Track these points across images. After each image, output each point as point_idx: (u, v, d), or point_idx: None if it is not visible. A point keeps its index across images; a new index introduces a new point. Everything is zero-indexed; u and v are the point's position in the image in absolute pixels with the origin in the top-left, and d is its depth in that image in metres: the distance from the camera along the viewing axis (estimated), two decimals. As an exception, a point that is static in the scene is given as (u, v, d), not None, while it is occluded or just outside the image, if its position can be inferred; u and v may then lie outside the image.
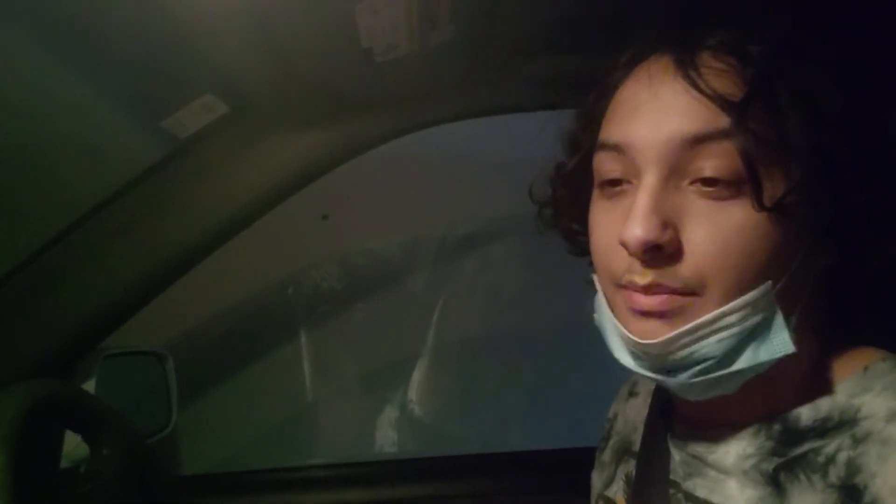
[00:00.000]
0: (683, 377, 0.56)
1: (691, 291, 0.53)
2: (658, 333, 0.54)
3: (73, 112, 0.99)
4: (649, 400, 0.77)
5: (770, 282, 0.53)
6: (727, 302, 0.53)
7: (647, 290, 0.54)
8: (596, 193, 0.62)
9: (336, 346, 1.75)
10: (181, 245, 1.14)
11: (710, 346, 0.54)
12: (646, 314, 0.55)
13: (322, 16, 0.84)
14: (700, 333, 0.53)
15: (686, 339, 0.54)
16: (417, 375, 1.73)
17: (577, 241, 0.70)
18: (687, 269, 0.53)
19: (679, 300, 0.54)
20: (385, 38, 0.87)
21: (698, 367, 0.55)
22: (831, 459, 0.53)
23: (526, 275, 1.75)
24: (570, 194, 0.69)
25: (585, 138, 0.65)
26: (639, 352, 0.57)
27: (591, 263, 0.70)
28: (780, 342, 0.54)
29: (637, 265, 0.54)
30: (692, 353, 0.54)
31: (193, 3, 0.82)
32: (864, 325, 0.60)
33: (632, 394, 0.83)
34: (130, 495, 0.93)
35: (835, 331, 0.60)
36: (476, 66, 0.98)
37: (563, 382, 1.65)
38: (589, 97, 0.65)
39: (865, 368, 0.57)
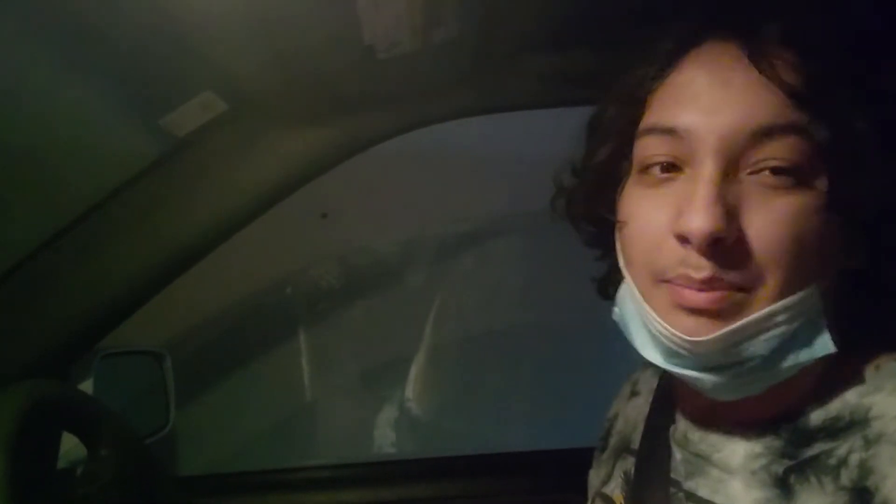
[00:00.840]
0: (724, 376, 0.55)
1: (745, 287, 0.52)
2: (707, 331, 0.52)
3: (70, 111, 0.99)
4: (650, 398, 0.76)
5: (817, 282, 0.53)
6: (776, 300, 0.52)
7: (703, 285, 0.52)
8: (633, 180, 0.60)
9: (335, 346, 1.75)
10: (179, 244, 1.13)
11: (758, 344, 0.53)
12: (695, 311, 0.53)
13: (323, 12, 0.84)
14: (749, 332, 0.52)
15: (736, 338, 0.52)
16: (416, 375, 1.73)
17: (593, 233, 0.68)
18: (747, 262, 0.52)
19: (732, 297, 0.52)
20: (387, 35, 0.86)
21: (742, 367, 0.54)
22: (843, 462, 0.52)
23: (526, 273, 1.75)
24: (597, 183, 0.66)
25: (622, 125, 0.62)
26: (681, 349, 0.55)
27: (599, 258, 0.70)
28: (820, 343, 0.53)
29: (694, 258, 0.52)
30: (739, 352, 0.53)
31: (192, 0, 0.81)
32: (877, 325, 0.59)
33: (633, 393, 0.82)
34: (128, 496, 0.93)
35: (853, 331, 0.59)
36: (479, 63, 0.97)
37: (563, 382, 1.64)
38: (625, 84, 0.63)
39: (877, 368, 0.56)
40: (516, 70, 0.98)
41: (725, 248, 0.51)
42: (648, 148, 0.58)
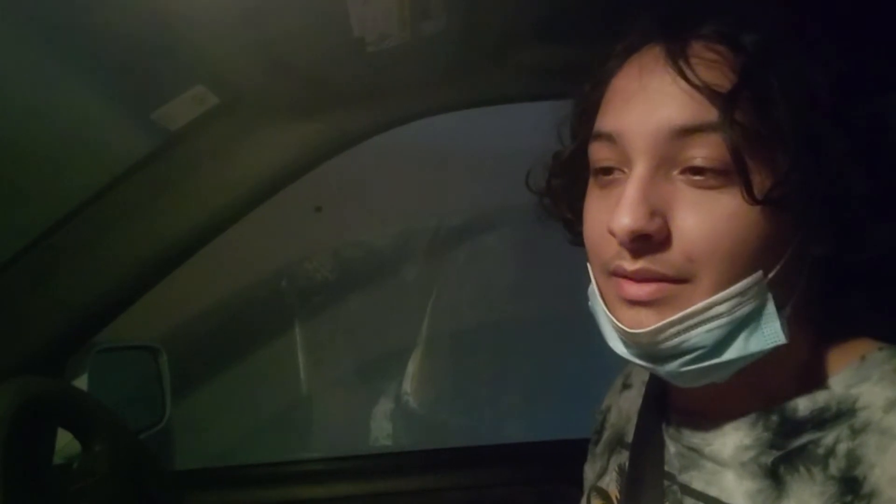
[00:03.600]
0: (673, 366, 0.56)
1: (682, 279, 0.53)
2: (647, 322, 0.54)
3: (62, 106, 0.99)
4: (643, 391, 0.76)
5: (761, 271, 0.53)
6: (718, 291, 0.52)
7: (637, 275, 0.54)
8: (591, 182, 0.62)
9: (330, 339, 1.75)
10: (174, 238, 1.13)
11: (700, 335, 0.53)
12: (635, 303, 0.55)
13: (313, 5, 0.84)
14: (689, 323, 0.53)
15: (675, 329, 0.53)
16: (411, 368, 1.73)
17: (575, 230, 0.69)
18: (676, 256, 0.53)
19: (669, 288, 0.54)
20: (377, 27, 0.87)
21: (688, 357, 0.55)
22: (831, 451, 0.53)
23: (519, 266, 1.75)
24: (566, 184, 0.69)
25: (581, 128, 0.65)
26: (629, 340, 0.57)
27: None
28: (771, 333, 0.54)
29: (626, 253, 0.55)
30: (682, 343, 0.54)
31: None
32: (860, 314, 0.60)
33: (626, 385, 0.82)
34: (123, 491, 0.93)
35: (831, 321, 0.60)
36: (469, 56, 0.97)
37: (558, 373, 1.65)
38: (584, 87, 0.65)
39: (862, 358, 0.56)
40: (506, 63, 0.98)
41: (655, 243, 0.53)
42: (596, 152, 0.60)
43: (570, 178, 0.68)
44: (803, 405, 0.57)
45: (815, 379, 0.57)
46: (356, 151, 1.14)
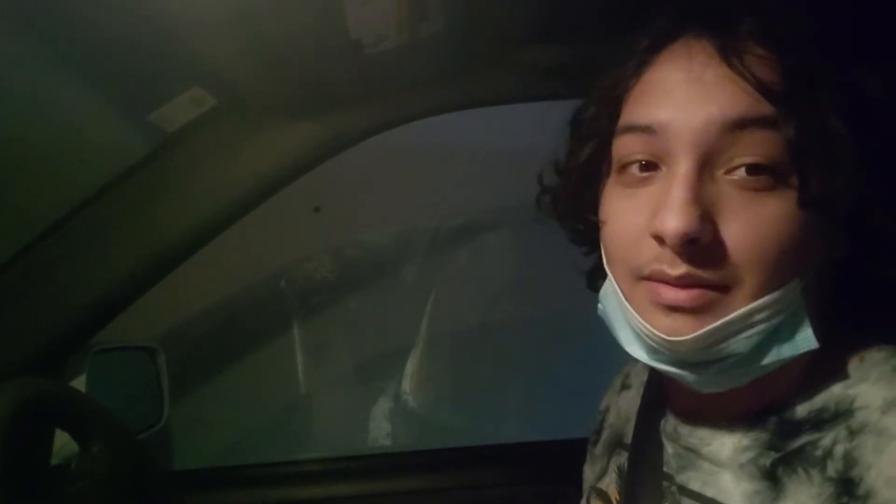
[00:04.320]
0: (706, 373, 0.55)
1: (724, 286, 0.52)
2: (687, 330, 0.52)
3: (60, 107, 0.99)
4: (642, 391, 0.76)
5: (798, 278, 0.52)
6: (757, 298, 0.52)
7: (679, 281, 0.52)
8: (613, 180, 0.60)
9: (329, 339, 1.75)
10: (172, 239, 1.13)
11: (739, 342, 0.53)
12: (673, 309, 0.53)
13: (310, 7, 0.84)
14: (730, 330, 0.52)
15: (716, 337, 0.52)
16: (411, 368, 1.73)
17: (579, 230, 0.68)
18: (723, 262, 0.51)
19: (710, 295, 0.52)
20: (374, 29, 0.87)
21: (723, 364, 0.54)
22: (829, 453, 0.53)
23: (519, 266, 1.75)
24: (579, 182, 0.66)
25: (602, 124, 0.62)
26: (661, 347, 0.55)
27: (587, 253, 0.70)
28: (803, 338, 0.53)
29: (670, 255, 0.52)
30: (720, 350, 0.53)
31: (181, -3, 0.82)
32: (866, 317, 0.60)
33: (624, 386, 0.82)
34: (122, 492, 0.93)
35: (832, 322, 0.59)
36: (466, 57, 0.97)
37: (557, 373, 1.65)
38: (604, 82, 0.63)
39: (861, 358, 0.56)
40: (504, 63, 0.98)
41: (701, 247, 0.51)
42: (626, 146, 0.57)
43: (585, 177, 0.65)
44: (801, 406, 0.56)
45: (814, 380, 0.57)
46: (354, 151, 1.14)
